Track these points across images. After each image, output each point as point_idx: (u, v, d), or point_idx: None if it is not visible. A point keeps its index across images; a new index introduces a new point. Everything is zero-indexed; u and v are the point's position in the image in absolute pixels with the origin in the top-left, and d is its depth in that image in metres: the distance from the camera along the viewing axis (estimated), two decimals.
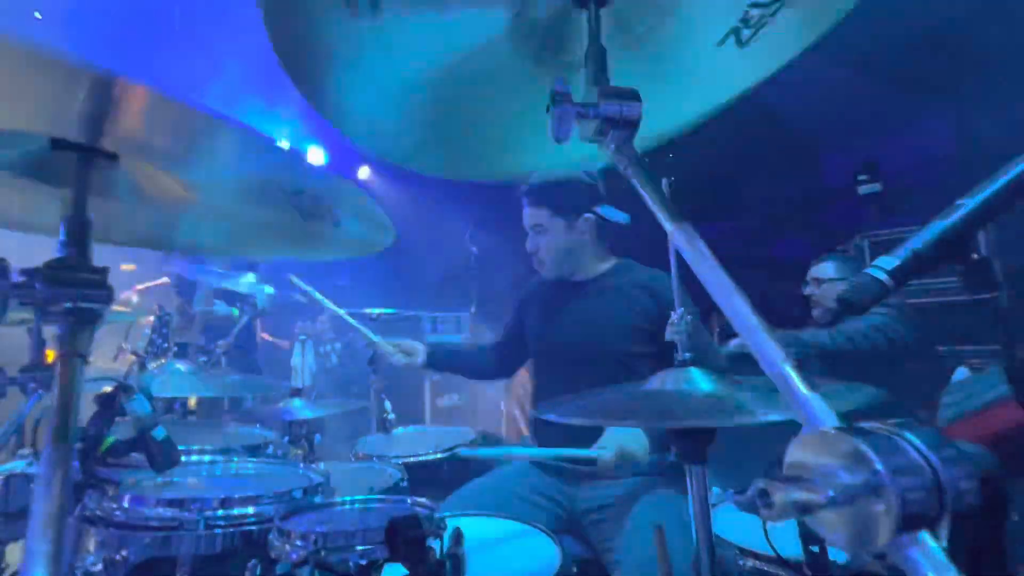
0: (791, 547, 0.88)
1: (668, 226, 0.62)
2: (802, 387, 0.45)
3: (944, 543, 0.35)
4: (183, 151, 0.80)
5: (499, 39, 0.84)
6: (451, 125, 0.95)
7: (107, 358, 2.76)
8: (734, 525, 1.23)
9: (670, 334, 1.05)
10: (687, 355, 1.02)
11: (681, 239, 0.59)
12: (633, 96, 0.71)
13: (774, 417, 0.74)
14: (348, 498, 1.14)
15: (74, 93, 0.63)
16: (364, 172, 6.22)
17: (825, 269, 2.84)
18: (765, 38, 0.82)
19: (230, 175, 0.89)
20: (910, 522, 0.34)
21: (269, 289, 2.64)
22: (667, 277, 1.74)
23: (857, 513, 0.35)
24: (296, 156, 0.90)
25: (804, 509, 0.36)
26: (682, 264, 0.89)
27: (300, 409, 2.12)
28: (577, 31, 0.86)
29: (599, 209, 1.80)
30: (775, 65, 0.87)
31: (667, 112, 0.90)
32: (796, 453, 0.40)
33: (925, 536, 0.35)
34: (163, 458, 1.01)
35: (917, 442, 0.36)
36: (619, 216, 1.80)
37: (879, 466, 0.35)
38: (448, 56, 0.84)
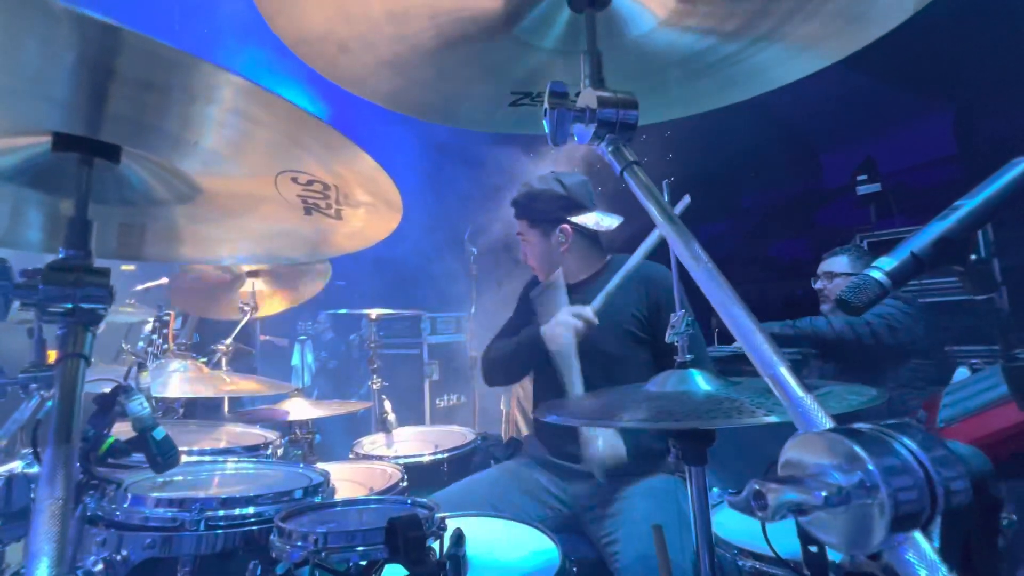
0: (791, 547, 0.89)
1: (664, 229, 0.62)
2: (797, 389, 0.45)
3: (936, 543, 0.35)
4: (181, 126, 0.80)
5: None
6: (416, 63, 0.95)
7: (107, 359, 2.77)
8: (734, 525, 1.24)
9: (670, 336, 1.05)
10: (688, 356, 1.02)
11: (677, 242, 0.60)
12: (630, 103, 0.71)
13: (774, 419, 0.75)
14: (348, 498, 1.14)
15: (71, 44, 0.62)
16: None
17: (838, 263, 2.78)
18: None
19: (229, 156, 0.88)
20: (903, 522, 0.35)
21: None
22: (664, 269, 1.76)
23: (851, 513, 0.36)
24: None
25: (798, 510, 0.37)
26: (682, 265, 0.90)
27: (300, 409, 2.12)
28: (564, 23, 0.87)
29: (577, 219, 1.84)
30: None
31: None
32: (791, 454, 0.41)
33: (917, 536, 0.35)
34: (163, 458, 1.01)
35: (909, 443, 0.36)
36: (604, 223, 1.83)
37: (872, 467, 0.35)
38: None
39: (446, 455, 2.14)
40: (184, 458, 1.12)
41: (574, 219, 1.83)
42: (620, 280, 1.56)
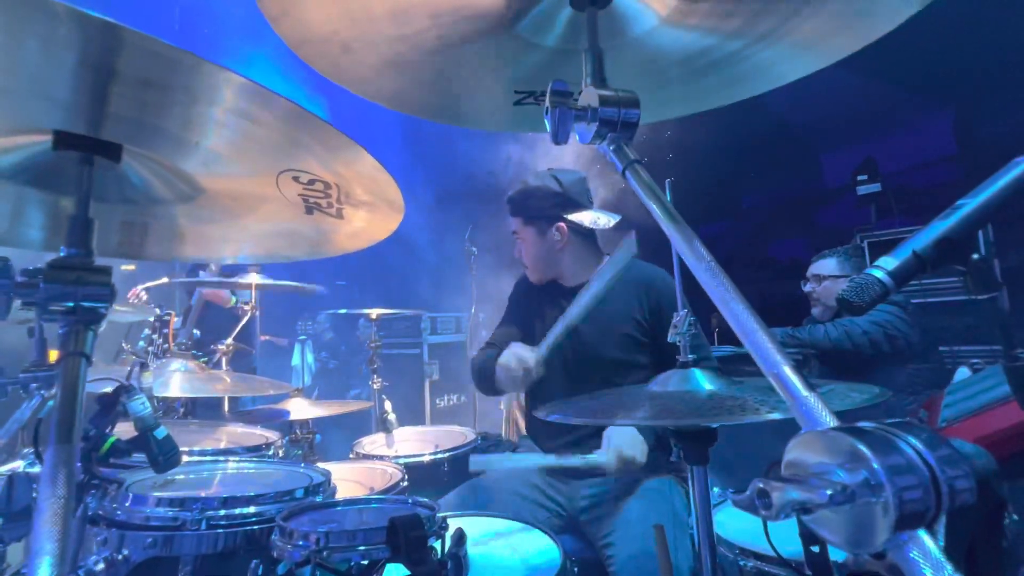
0: (792, 546, 0.88)
1: (667, 228, 0.62)
2: (800, 388, 0.45)
3: (941, 541, 0.35)
4: (182, 125, 0.80)
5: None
6: (419, 63, 0.95)
7: (108, 358, 2.77)
8: (735, 525, 1.24)
9: (672, 336, 1.05)
10: (690, 356, 1.02)
11: (680, 241, 0.59)
12: (632, 101, 0.71)
13: (776, 415, 0.75)
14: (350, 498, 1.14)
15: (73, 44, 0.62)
16: None
17: (826, 265, 2.79)
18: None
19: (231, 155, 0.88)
20: (907, 521, 0.35)
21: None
22: (663, 272, 1.75)
23: (855, 512, 0.36)
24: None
25: (802, 508, 0.37)
26: (684, 264, 0.90)
27: (300, 409, 2.12)
28: (565, 22, 0.87)
29: (573, 217, 1.82)
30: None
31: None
32: (794, 453, 0.41)
33: (922, 535, 0.35)
34: (164, 458, 1.01)
35: (914, 442, 0.36)
36: (601, 222, 1.81)
37: (876, 465, 0.35)
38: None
39: (446, 455, 2.14)
40: (185, 458, 1.11)
41: (570, 217, 1.81)
42: (581, 313, 1.54)
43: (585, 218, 1.81)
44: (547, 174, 1.86)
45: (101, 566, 0.92)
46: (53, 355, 0.77)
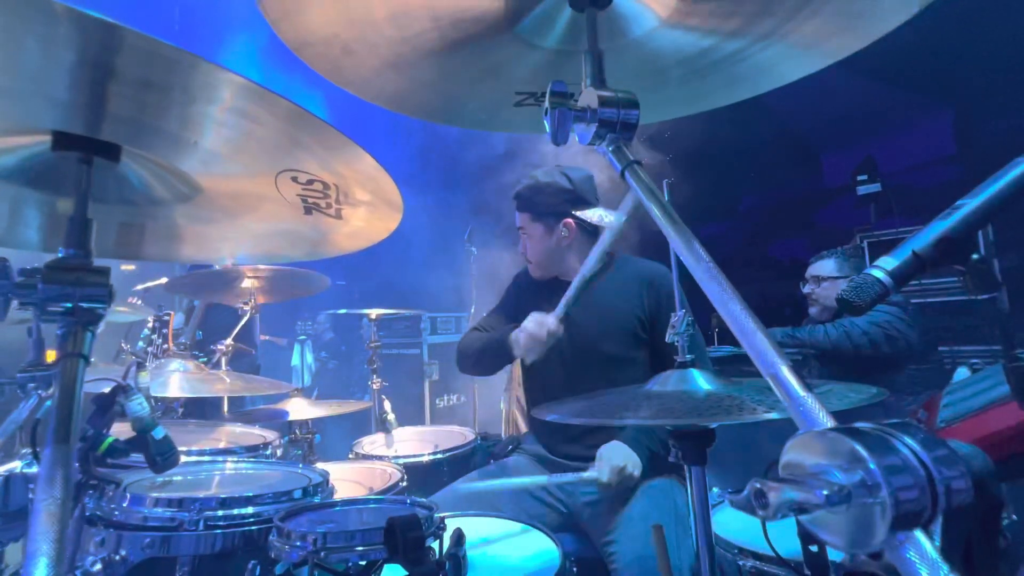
0: (791, 546, 0.88)
1: (666, 229, 0.62)
2: (798, 388, 0.45)
3: (938, 542, 0.35)
4: (181, 125, 0.80)
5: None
6: (419, 64, 0.95)
7: (107, 358, 2.77)
8: (734, 525, 1.23)
9: (670, 336, 1.05)
10: (688, 356, 1.02)
11: (678, 242, 0.59)
12: (631, 102, 0.71)
13: (774, 415, 0.75)
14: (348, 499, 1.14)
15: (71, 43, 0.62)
16: None
17: (825, 266, 2.80)
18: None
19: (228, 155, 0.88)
20: (904, 521, 0.35)
21: None
22: (666, 269, 1.75)
23: (852, 513, 0.36)
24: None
25: (799, 509, 0.37)
26: (682, 265, 0.90)
27: (300, 409, 2.12)
28: (565, 23, 0.87)
29: (581, 214, 1.83)
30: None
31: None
32: (792, 453, 0.41)
33: (919, 535, 0.35)
34: (162, 458, 1.01)
35: (911, 442, 0.36)
36: (608, 220, 1.81)
37: (873, 466, 0.35)
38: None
39: (446, 455, 2.14)
40: (183, 458, 1.11)
41: (578, 214, 1.82)
42: (580, 285, 1.56)
43: (592, 215, 1.83)
44: (557, 171, 1.87)
45: (98, 567, 0.92)
46: (51, 355, 0.77)
